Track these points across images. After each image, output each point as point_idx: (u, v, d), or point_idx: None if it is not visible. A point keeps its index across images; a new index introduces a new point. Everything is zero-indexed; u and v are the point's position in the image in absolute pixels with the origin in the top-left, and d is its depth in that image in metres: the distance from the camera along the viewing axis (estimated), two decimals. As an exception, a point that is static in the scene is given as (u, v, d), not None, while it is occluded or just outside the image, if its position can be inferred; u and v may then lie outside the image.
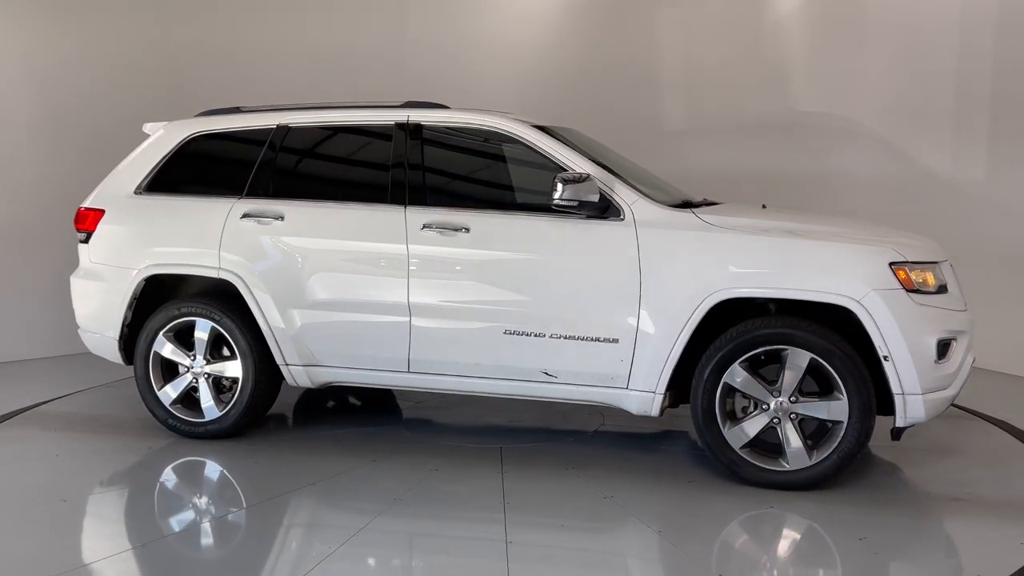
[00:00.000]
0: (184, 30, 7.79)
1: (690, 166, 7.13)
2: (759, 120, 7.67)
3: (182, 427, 4.92)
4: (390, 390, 5.90)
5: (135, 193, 5.06)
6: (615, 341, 4.27)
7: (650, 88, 8.04)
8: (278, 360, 4.77)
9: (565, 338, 4.32)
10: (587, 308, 4.30)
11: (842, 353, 4.00)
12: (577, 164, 4.39)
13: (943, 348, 4.06)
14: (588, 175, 4.22)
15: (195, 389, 4.93)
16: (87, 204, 5.16)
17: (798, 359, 4.05)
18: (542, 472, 4.39)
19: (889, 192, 7.19)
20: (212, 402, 4.88)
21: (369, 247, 4.61)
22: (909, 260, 4.06)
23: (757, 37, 7.78)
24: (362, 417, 5.69)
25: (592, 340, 4.30)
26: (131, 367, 5.06)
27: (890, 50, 7.35)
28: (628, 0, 8.13)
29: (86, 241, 5.12)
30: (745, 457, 4.17)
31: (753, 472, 4.16)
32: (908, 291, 4.00)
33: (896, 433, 4.11)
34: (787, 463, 4.13)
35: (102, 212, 5.07)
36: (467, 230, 4.44)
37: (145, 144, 5.20)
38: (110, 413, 5.53)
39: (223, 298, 4.87)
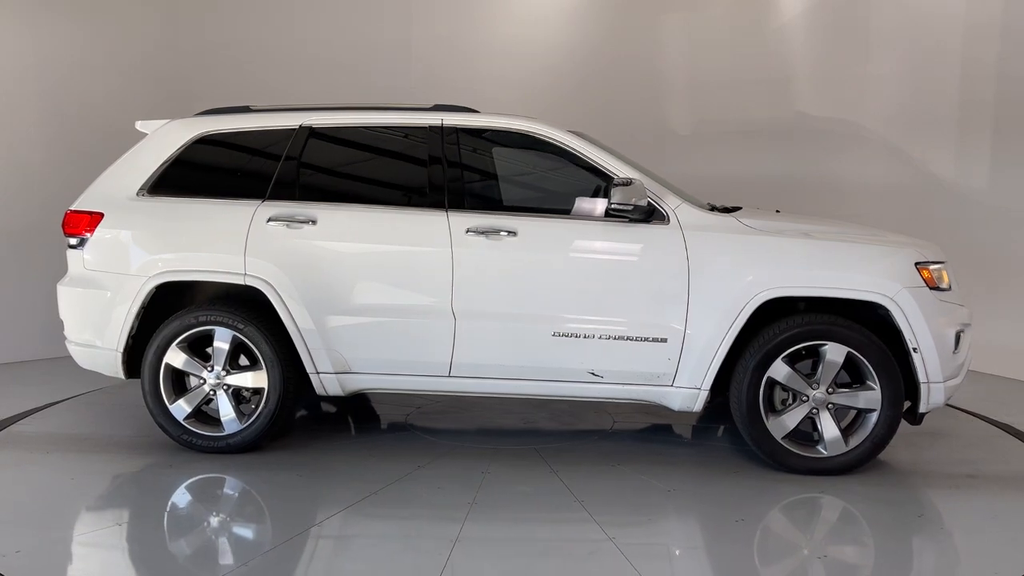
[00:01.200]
0: (191, 31, 7.79)
1: (692, 170, 7.34)
2: (763, 125, 7.87)
3: (199, 442, 4.67)
4: (366, 396, 5.85)
5: (138, 195, 4.75)
6: (663, 340, 4.42)
7: (655, 92, 8.21)
8: (308, 368, 4.61)
9: (614, 339, 4.44)
10: (636, 309, 4.43)
11: (876, 347, 4.33)
12: (619, 169, 4.53)
13: (957, 340, 4.48)
14: (636, 180, 4.36)
15: (208, 402, 4.71)
16: (80, 207, 4.79)
17: (836, 353, 4.35)
18: (593, 469, 4.49)
19: (893, 197, 7.44)
20: (233, 414, 4.66)
21: (411, 251, 4.55)
22: (929, 260, 4.46)
23: (762, 43, 7.96)
24: (354, 423, 5.56)
25: (640, 340, 4.43)
26: (127, 380, 4.78)
27: (895, 56, 7.52)
28: (634, 5, 8.28)
29: (79, 246, 4.76)
30: (786, 446, 4.44)
31: (794, 460, 4.44)
32: (931, 288, 4.39)
33: (919, 418, 4.49)
34: (825, 450, 4.42)
35: (100, 215, 4.72)
36: (514, 234, 4.47)
37: (144, 143, 4.89)
38: (106, 426, 5.18)
39: (245, 305, 4.66)
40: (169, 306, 4.76)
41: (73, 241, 4.78)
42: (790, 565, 3.53)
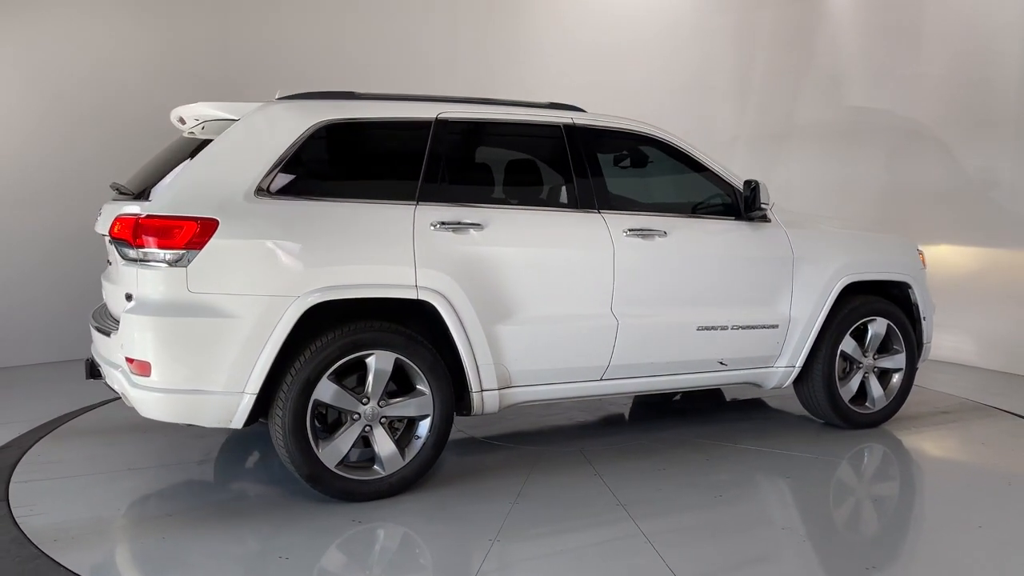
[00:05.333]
0: (234, 28, 7.75)
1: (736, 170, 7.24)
2: (809, 126, 8.06)
3: (358, 489, 3.95)
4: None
5: (257, 196, 3.79)
6: (776, 327, 4.96)
7: (700, 94, 8.22)
8: (473, 387, 4.17)
9: (743, 328, 4.85)
10: (759, 300, 4.90)
11: (905, 319, 5.39)
12: (728, 173, 4.91)
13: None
14: (761, 182, 4.81)
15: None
16: (173, 211, 3.66)
17: (881, 326, 5.31)
18: (735, 453, 4.84)
19: (945, 197, 7.59)
20: (396, 450, 4.02)
21: (576, 254, 4.39)
22: (919, 247, 5.66)
23: (811, 44, 8.10)
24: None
25: (760, 328, 4.91)
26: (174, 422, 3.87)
27: (946, 57, 7.47)
28: (682, 7, 8.16)
29: (176, 262, 3.64)
30: (851, 407, 5.28)
31: (856, 417, 5.31)
32: (924, 269, 5.60)
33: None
34: (873, 406, 5.37)
35: (214, 222, 3.67)
36: (665, 234, 4.59)
37: (242, 132, 3.91)
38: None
39: (404, 322, 4.03)
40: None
41: (165, 256, 3.64)
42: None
